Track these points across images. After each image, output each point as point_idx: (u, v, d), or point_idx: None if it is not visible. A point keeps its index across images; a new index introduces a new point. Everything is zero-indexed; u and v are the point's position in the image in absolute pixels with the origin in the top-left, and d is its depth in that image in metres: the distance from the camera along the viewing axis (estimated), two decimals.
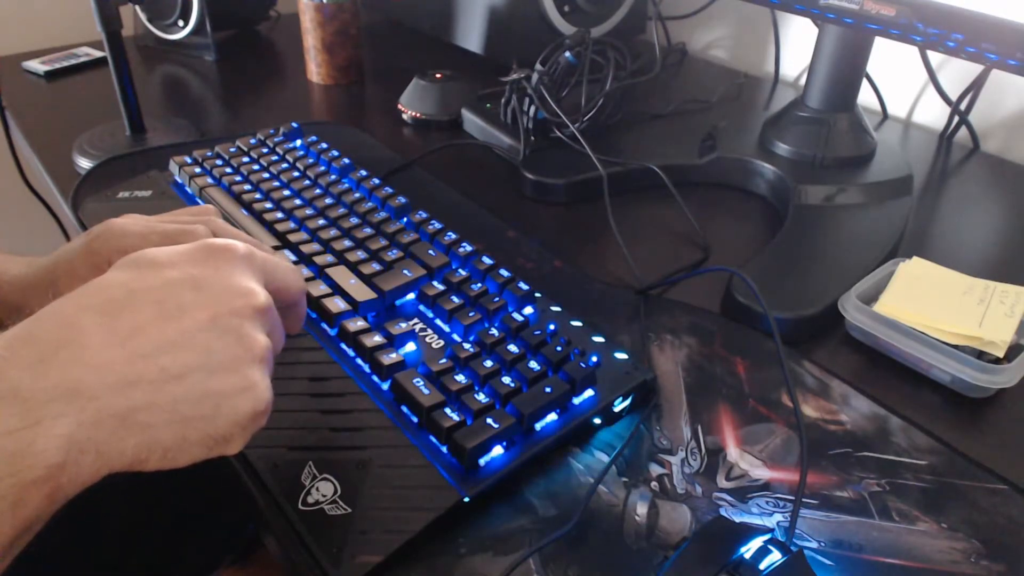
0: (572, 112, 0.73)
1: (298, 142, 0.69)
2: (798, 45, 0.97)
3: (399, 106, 0.85)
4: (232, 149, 0.68)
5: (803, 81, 0.75)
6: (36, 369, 0.28)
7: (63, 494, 0.28)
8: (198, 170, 0.65)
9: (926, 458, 0.44)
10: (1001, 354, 0.48)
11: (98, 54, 0.99)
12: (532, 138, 0.74)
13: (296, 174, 0.64)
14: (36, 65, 0.96)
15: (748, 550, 0.34)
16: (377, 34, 1.13)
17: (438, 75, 0.84)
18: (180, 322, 0.31)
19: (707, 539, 0.36)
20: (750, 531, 0.36)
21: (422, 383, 0.43)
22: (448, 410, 0.41)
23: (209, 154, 0.67)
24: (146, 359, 0.30)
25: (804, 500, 0.41)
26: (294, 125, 0.72)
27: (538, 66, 0.75)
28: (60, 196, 0.70)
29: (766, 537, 0.35)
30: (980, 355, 0.48)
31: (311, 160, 0.66)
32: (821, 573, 0.37)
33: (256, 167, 0.66)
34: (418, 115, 0.83)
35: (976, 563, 0.38)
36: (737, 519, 0.40)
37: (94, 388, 0.29)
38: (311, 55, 0.93)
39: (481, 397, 0.42)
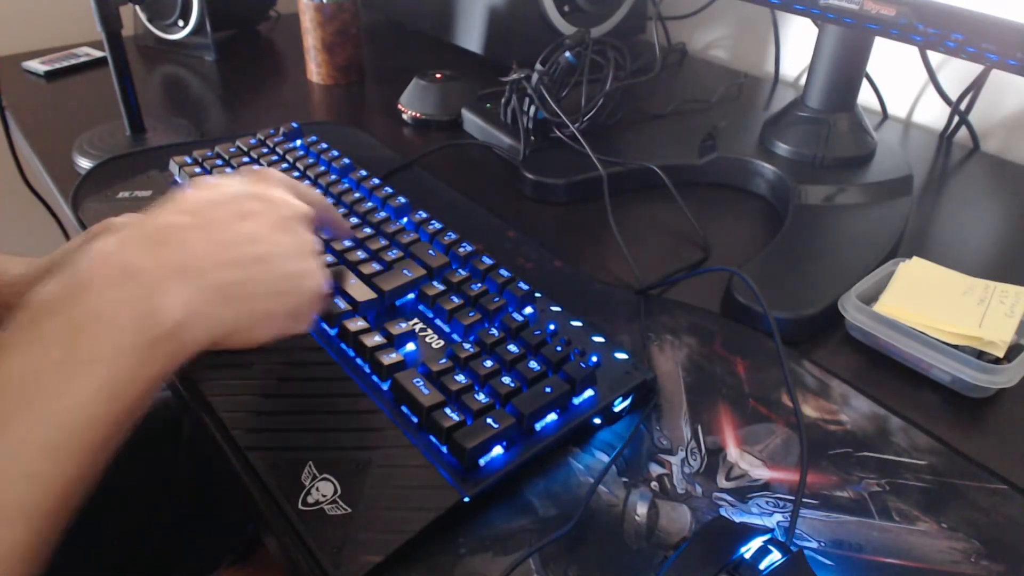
0: (572, 112, 0.73)
1: (298, 142, 0.69)
2: (798, 45, 0.97)
3: (399, 106, 0.85)
4: (232, 149, 0.68)
5: (803, 81, 0.75)
6: (151, 252, 0.34)
7: (181, 354, 0.34)
8: (198, 170, 0.65)
9: (926, 458, 0.44)
10: (1001, 354, 0.48)
11: (98, 54, 0.99)
12: (532, 138, 0.74)
13: (296, 174, 0.64)
14: (36, 65, 0.96)
15: (748, 550, 0.34)
16: (377, 34, 1.13)
17: (438, 75, 0.84)
18: (254, 221, 0.39)
19: (707, 539, 0.36)
20: (750, 531, 0.36)
21: (422, 383, 0.43)
22: (448, 410, 0.41)
23: (209, 154, 0.67)
24: (236, 246, 0.37)
25: (804, 500, 0.41)
26: (294, 125, 0.72)
27: (538, 66, 0.75)
28: (60, 196, 0.70)
29: (766, 537, 0.35)
30: (980, 355, 0.48)
31: (311, 160, 0.66)
32: (821, 573, 0.37)
33: (256, 167, 0.66)
34: (418, 115, 0.83)
35: (976, 563, 0.38)
36: (737, 519, 0.40)
37: (199, 266, 0.35)
38: (311, 55, 0.93)
39: (481, 397, 0.42)
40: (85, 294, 0.32)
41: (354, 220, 0.58)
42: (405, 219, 0.58)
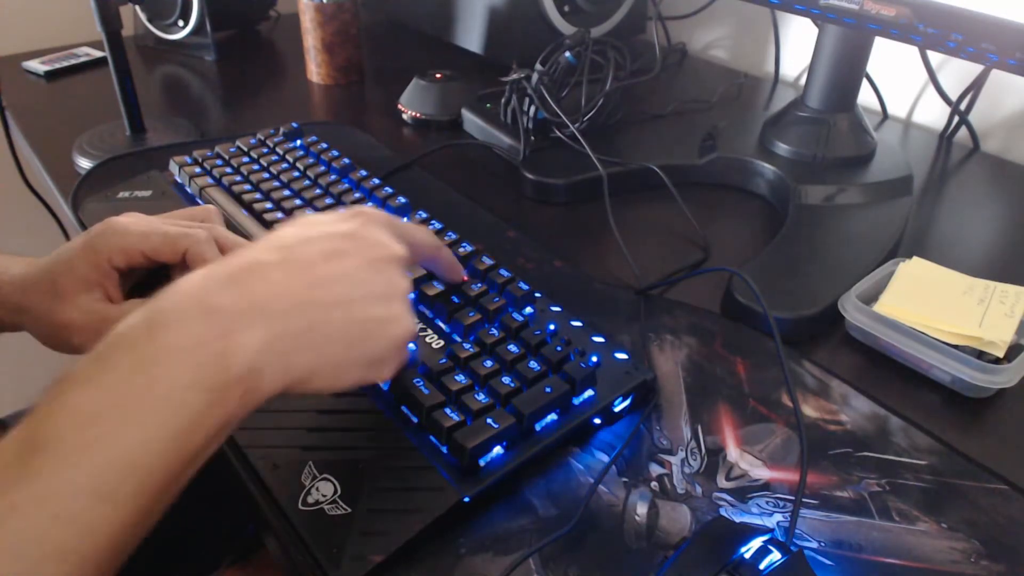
0: (572, 112, 0.73)
1: (298, 142, 0.69)
2: (798, 45, 0.97)
3: (399, 106, 0.85)
4: (232, 149, 0.68)
5: (803, 81, 0.75)
6: (232, 291, 0.33)
7: (253, 398, 0.33)
8: (198, 170, 0.65)
9: (926, 458, 0.44)
10: (1001, 354, 0.48)
11: (98, 54, 0.99)
12: (532, 138, 0.74)
13: (296, 174, 0.64)
14: (36, 65, 0.96)
15: (748, 550, 0.34)
16: (377, 34, 1.13)
17: (438, 75, 0.84)
18: (342, 262, 0.37)
19: (707, 539, 0.36)
20: (750, 531, 0.36)
21: (422, 383, 0.43)
22: (448, 410, 0.41)
23: (209, 154, 0.67)
24: (318, 287, 0.36)
25: (804, 500, 0.41)
26: (294, 125, 0.72)
27: (538, 66, 0.75)
28: (60, 196, 0.70)
29: (766, 537, 0.35)
30: (980, 355, 0.48)
31: (311, 160, 0.66)
32: (821, 573, 0.37)
33: (256, 167, 0.66)
34: (418, 115, 0.83)
35: (976, 563, 0.38)
36: (737, 519, 0.40)
37: (278, 308, 0.34)
38: (311, 55, 0.93)
39: (481, 397, 0.42)
40: (161, 330, 0.31)
41: None
42: (405, 219, 0.58)
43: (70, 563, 0.28)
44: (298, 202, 0.60)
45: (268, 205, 0.60)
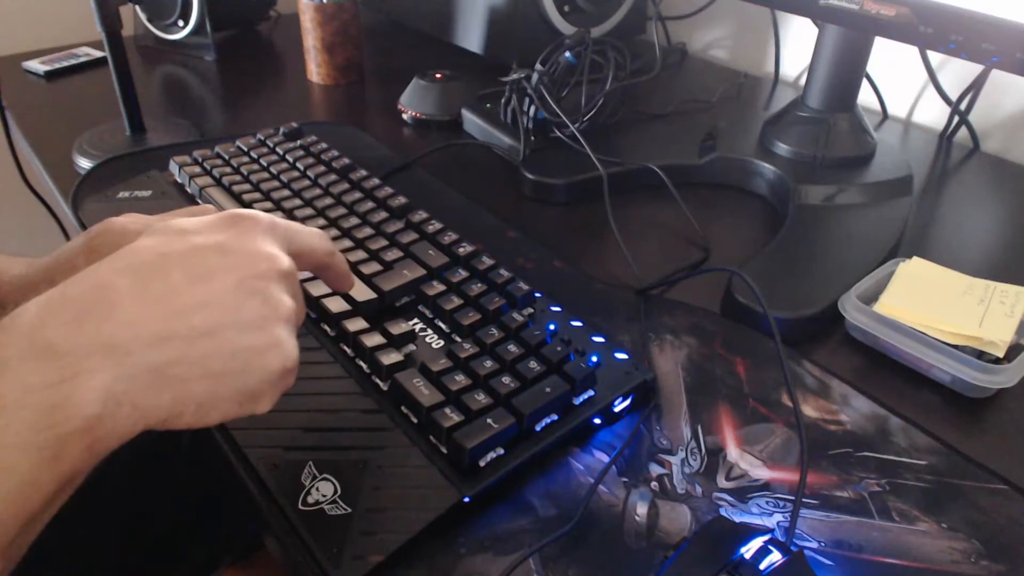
0: (572, 112, 0.73)
1: (298, 142, 0.69)
2: (798, 45, 0.97)
3: (399, 106, 0.85)
4: (233, 149, 0.68)
5: (803, 81, 0.75)
6: (72, 327, 0.29)
7: (102, 447, 0.29)
8: (199, 170, 0.65)
9: (926, 458, 0.44)
10: (1001, 354, 0.48)
11: (98, 54, 0.99)
12: (532, 138, 0.74)
13: (296, 174, 0.64)
14: (36, 65, 0.96)
15: (748, 550, 0.34)
16: (377, 34, 1.13)
17: (438, 75, 0.84)
18: (209, 284, 0.32)
19: (707, 539, 0.36)
20: (750, 531, 0.36)
21: (422, 383, 0.43)
22: (448, 410, 0.41)
23: (210, 154, 0.67)
24: (178, 316, 0.31)
25: (804, 500, 0.41)
26: (294, 125, 0.72)
27: (538, 66, 0.75)
28: (60, 196, 0.70)
29: (766, 537, 0.35)
30: (980, 355, 0.48)
31: (311, 160, 0.66)
32: (821, 573, 0.37)
33: (257, 167, 0.66)
34: (418, 115, 0.83)
35: (976, 563, 0.38)
36: (737, 519, 0.40)
37: (129, 343, 0.30)
38: (311, 55, 0.93)
39: (481, 397, 0.42)
40: None
41: (354, 220, 0.58)
42: (405, 219, 0.58)
43: None
44: (299, 202, 0.60)
45: (269, 205, 0.60)
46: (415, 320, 0.50)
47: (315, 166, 0.65)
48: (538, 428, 0.42)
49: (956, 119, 0.83)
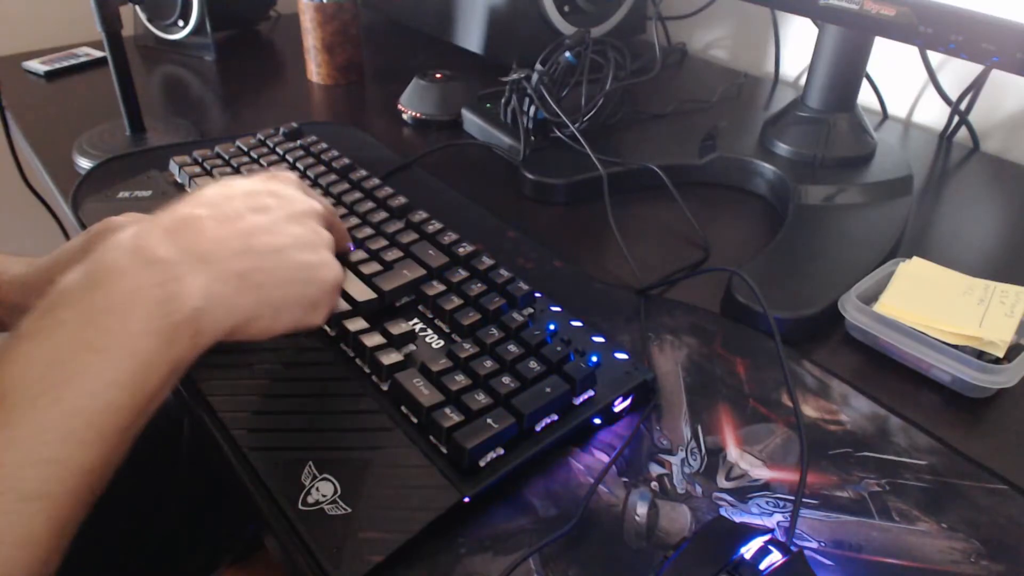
0: (572, 112, 0.73)
1: (298, 142, 0.69)
2: (798, 45, 0.97)
3: (399, 106, 0.85)
4: (233, 149, 0.68)
5: (803, 81, 0.75)
6: (169, 243, 0.35)
7: (203, 339, 0.35)
8: (199, 170, 0.65)
9: (926, 458, 0.44)
10: (1001, 354, 0.48)
11: (98, 54, 0.99)
12: (532, 138, 0.74)
13: (296, 174, 0.64)
14: (36, 65, 0.96)
15: (748, 550, 0.34)
16: (377, 34, 1.13)
17: (438, 75, 0.84)
18: (268, 214, 0.40)
19: (707, 539, 0.36)
20: (750, 531, 0.36)
21: (422, 383, 0.43)
22: (448, 410, 0.41)
23: (210, 154, 0.67)
24: (251, 236, 0.38)
25: (804, 500, 0.41)
26: (294, 125, 0.72)
27: (538, 66, 0.75)
28: (60, 196, 0.70)
29: (766, 537, 0.35)
30: (980, 355, 0.48)
31: (311, 160, 0.66)
32: (821, 573, 0.37)
33: (257, 167, 0.66)
34: (418, 115, 0.83)
35: (976, 563, 0.38)
36: (737, 519, 0.40)
37: (217, 254, 0.36)
38: (311, 55, 0.93)
39: (481, 397, 0.42)
40: (105, 281, 0.33)
41: (354, 220, 0.58)
42: (405, 219, 0.58)
43: (47, 502, 0.30)
44: None
45: None
46: (415, 320, 0.50)
47: (315, 166, 0.65)
48: (538, 428, 0.42)
49: (956, 119, 0.83)
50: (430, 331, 0.49)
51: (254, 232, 0.38)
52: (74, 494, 0.30)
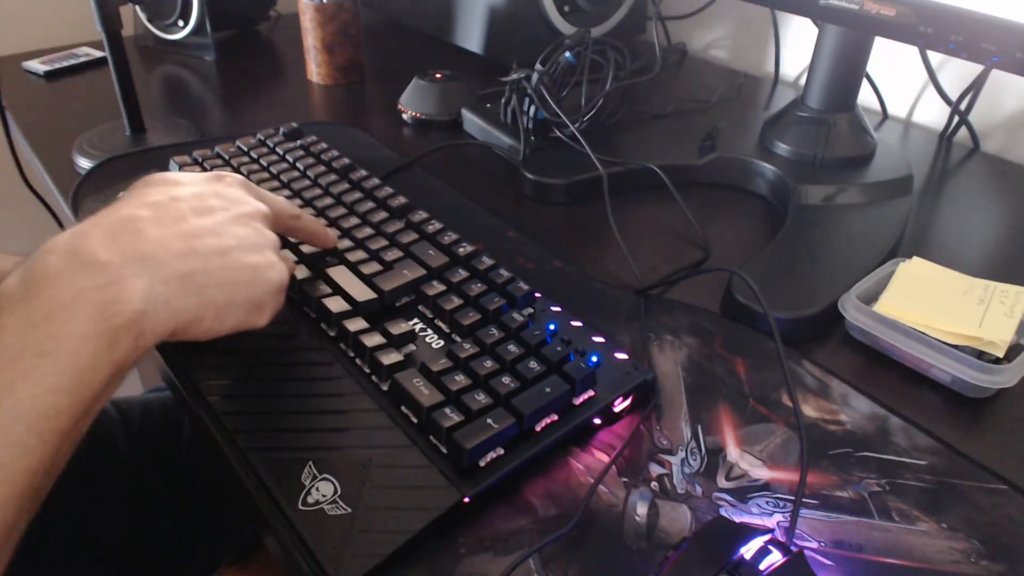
0: (572, 112, 0.73)
1: (298, 142, 0.69)
2: (798, 45, 0.97)
3: (399, 106, 0.85)
4: (233, 149, 0.68)
5: (803, 81, 0.75)
6: (109, 243, 0.35)
7: (145, 341, 0.35)
8: (199, 170, 0.65)
9: (926, 458, 0.44)
10: (1001, 354, 0.48)
11: (98, 54, 0.99)
12: (532, 138, 0.74)
13: (296, 174, 0.64)
14: (36, 65, 0.96)
15: (748, 550, 0.34)
16: (377, 34, 1.13)
17: (438, 75, 0.84)
18: (212, 216, 0.40)
19: (707, 539, 0.36)
20: (750, 531, 0.36)
21: (422, 383, 0.42)
22: (448, 410, 0.41)
23: (210, 154, 0.67)
24: (194, 238, 0.38)
25: (804, 500, 0.41)
26: (294, 125, 0.72)
27: (538, 66, 0.75)
28: (60, 196, 0.70)
29: (766, 537, 0.35)
30: (980, 355, 0.48)
31: (311, 160, 0.66)
32: (821, 573, 0.37)
33: (257, 167, 0.66)
34: (418, 115, 0.83)
35: (976, 563, 0.38)
36: (737, 519, 0.40)
37: (159, 256, 0.36)
38: (311, 55, 0.93)
39: (481, 397, 0.42)
40: (45, 285, 0.33)
41: (354, 220, 0.58)
42: (405, 219, 0.58)
43: None
44: (299, 202, 0.60)
45: None
46: (415, 320, 0.50)
47: (315, 166, 0.65)
48: (538, 428, 0.42)
49: (956, 119, 0.83)
50: (430, 331, 0.49)
51: (197, 234, 0.38)
52: (18, 498, 0.30)
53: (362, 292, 0.50)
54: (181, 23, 1.00)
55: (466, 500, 0.39)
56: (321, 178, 0.63)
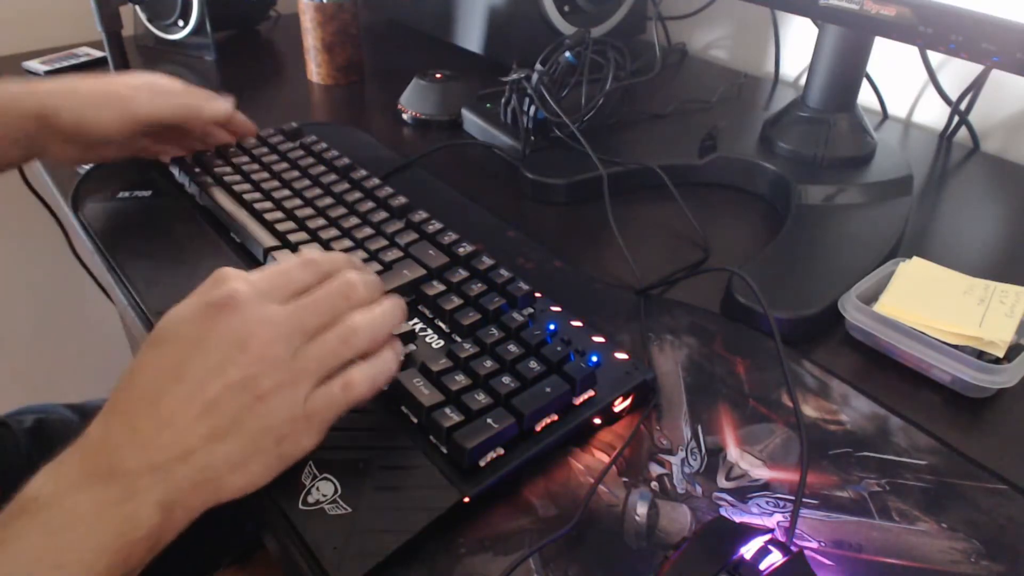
0: (572, 112, 0.73)
1: (298, 141, 0.69)
2: (798, 45, 0.97)
3: (399, 106, 0.85)
4: (232, 148, 0.68)
5: (803, 81, 0.75)
6: (128, 446, 0.34)
7: (162, 544, 0.35)
8: (199, 169, 0.65)
9: (926, 458, 0.44)
10: (1001, 354, 0.48)
11: (98, 54, 0.99)
12: (532, 138, 0.74)
13: (297, 173, 0.64)
14: (36, 65, 0.96)
15: (748, 550, 0.34)
16: (377, 34, 1.13)
17: (438, 75, 0.84)
18: (203, 394, 0.35)
19: (707, 539, 0.36)
20: (750, 531, 0.36)
21: (422, 383, 0.42)
22: (448, 410, 0.41)
23: (210, 153, 0.67)
24: (188, 434, 0.35)
25: (804, 500, 0.41)
26: (294, 124, 0.72)
27: (538, 66, 0.75)
28: (60, 196, 0.70)
29: (766, 537, 0.35)
30: (980, 355, 0.48)
31: (312, 160, 0.66)
32: (821, 573, 0.37)
33: (257, 166, 0.66)
34: (418, 115, 0.83)
35: (976, 563, 0.38)
36: (737, 519, 0.40)
37: (167, 463, 0.34)
38: (311, 55, 0.93)
39: (481, 397, 0.42)
40: (66, 493, 0.33)
41: (354, 220, 0.58)
42: (405, 219, 0.58)
43: None
44: (299, 202, 0.60)
45: (269, 205, 0.60)
46: (415, 320, 0.50)
47: (315, 166, 0.65)
48: (538, 428, 0.42)
49: (956, 119, 0.83)
50: (430, 331, 0.49)
51: (191, 426, 0.35)
52: None
53: None
54: (181, 23, 1.00)
55: (466, 500, 0.39)
56: (322, 177, 0.64)
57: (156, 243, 0.60)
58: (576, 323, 0.50)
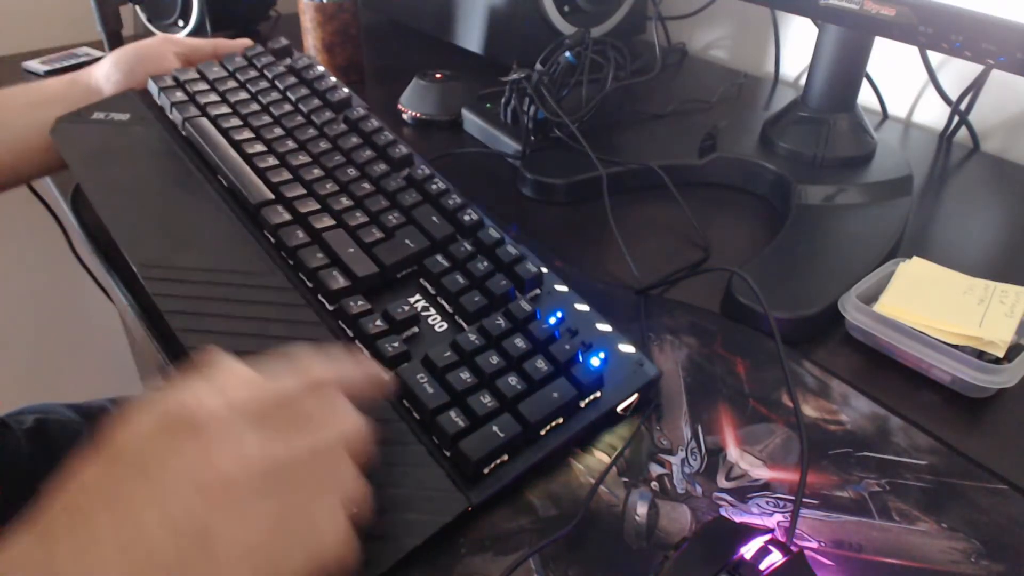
0: (572, 112, 0.73)
1: (286, 60, 0.65)
2: (798, 45, 0.97)
3: (399, 106, 0.85)
4: (216, 69, 0.63)
5: (803, 81, 0.75)
6: (116, 561, 0.28)
7: None
8: (180, 95, 0.60)
9: (926, 458, 0.44)
10: (1001, 354, 0.48)
11: (98, 54, 0.99)
12: (532, 138, 0.74)
13: (288, 108, 0.60)
14: (36, 65, 0.96)
15: (748, 550, 0.34)
16: (377, 34, 1.13)
17: (438, 75, 0.84)
18: (141, 536, 0.29)
19: (707, 539, 0.36)
20: (750, 531, 0.36)
21: (426, 379, 0.42)
22: (453, 414, 0.40)
23: (194, 75, 0.62)
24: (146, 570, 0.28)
25: (804, 500, 0.41)
26: (283, 41, 0.67)
27: (538, 66, 0.75)
28: (60, 196, 0.70)
29: (766, 537, 0.35)
30: (980, 355, 0.48)
31: (305, 91, 0.61)
32: (821, 573, 0.37)
33: (244, 95, 0.61)
34: (418, 115, 0.83)
35: (976, 563, 0.38)
36: (737, 519, 0.40)
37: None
38: (311, 55, 0.93)
39: (487, 400, 0.41)
40: None
41: (352, 172, 0.55)
42: (406, 174, 0.55)
43: None
44: (292, 144, 0.57)
45: (260, 148, 0.56)
46: (417, 297, 0.48)
47: (309, 98, 0.61)
48: (543, 432, 0.42)
49: (956, 119, 0.83)
50: (433, 311, 0.48)
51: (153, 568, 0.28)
52: None
53: (362, 265, 0.48)
54: (181, 23, 1.00)
55: (470, 509, 0.39)
56: (314, 115, 0.59)
57: (136, 185, 0.54)
58: (582, 307, 0.49)
